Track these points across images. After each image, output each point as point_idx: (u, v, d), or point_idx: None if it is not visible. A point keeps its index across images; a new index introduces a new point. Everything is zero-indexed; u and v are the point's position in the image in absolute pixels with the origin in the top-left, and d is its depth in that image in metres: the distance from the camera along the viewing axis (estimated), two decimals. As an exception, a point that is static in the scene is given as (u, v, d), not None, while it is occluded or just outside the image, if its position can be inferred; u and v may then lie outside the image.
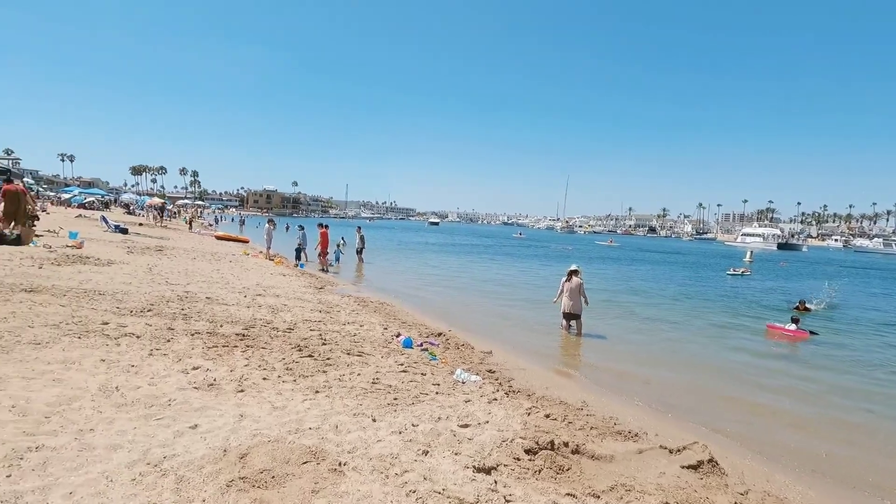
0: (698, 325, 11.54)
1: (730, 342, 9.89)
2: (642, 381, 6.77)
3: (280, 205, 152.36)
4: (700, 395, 6.45)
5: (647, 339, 9.70)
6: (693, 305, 14.67)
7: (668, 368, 7.66)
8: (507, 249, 40.97)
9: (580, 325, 9.32)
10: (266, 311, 7.87)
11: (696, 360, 8.33)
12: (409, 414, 4.09)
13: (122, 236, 18.62)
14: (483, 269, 22.90)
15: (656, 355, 8.47)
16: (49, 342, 4.63)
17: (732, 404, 6.20)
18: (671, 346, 9.19)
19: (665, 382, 6.85)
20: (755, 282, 23.56)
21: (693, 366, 7.98)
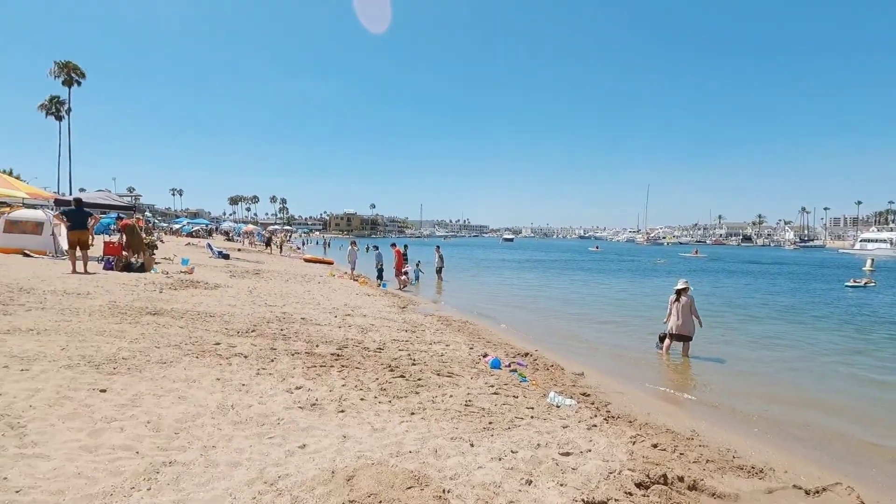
0: (820, 345, 10.26)
1: (861, 367, 8.66)
2: (759, 409, 6.09)
3: (359, 227, 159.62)
4: (831, 428, 5.67)
5: (760, 361, 8.78)
6: (809, 323, 13.13)
7: (788, 395, 6.84)
8: (589, 264, 39.55)
9: (687, 348, 8.65)
10: (356, 330, 8.14)
11: (823, 387, 7.37)
12: (507, 439, 3.96)
13: (225, 261, 20.36)
14: (565, 286, 22.24)
15: (773, 380, 7.62)
16: (173, 361, 5.08)
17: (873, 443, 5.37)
18: (790, 370, 8.23)
19: (787, 411, 6.11)
20: (884, 295, 20.67)
21: (820, 393, 7.06)
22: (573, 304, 16.23)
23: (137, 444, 3.20)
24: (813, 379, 7.76)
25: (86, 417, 3.51)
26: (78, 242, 11.62)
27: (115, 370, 4.60)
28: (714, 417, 5.76)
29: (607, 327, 11.87)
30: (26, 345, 5.11)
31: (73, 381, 4.19)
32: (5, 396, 3.69)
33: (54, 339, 5.45)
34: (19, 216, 15.31)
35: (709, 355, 8.86)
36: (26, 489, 2.53)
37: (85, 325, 6.28)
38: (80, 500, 2.49)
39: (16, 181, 20.14)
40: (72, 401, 3.76)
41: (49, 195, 21.16)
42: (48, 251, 14.42)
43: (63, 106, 57.44)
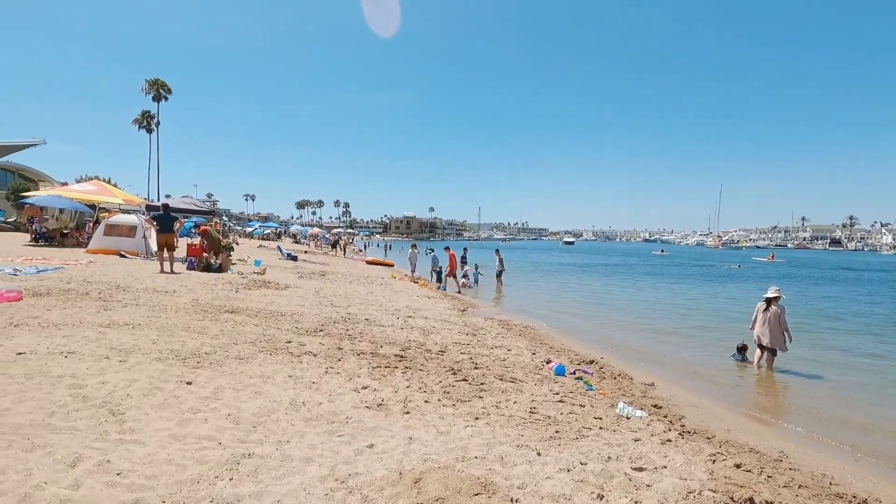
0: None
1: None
2: (860, 431, 5.50)
3: (418, 230, 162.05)
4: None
5: (859, 377, 7.95)
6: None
7: (891, 413, 6.13)
8: (654, 269, 37.75)
9: (772, 361, 8.01)
10: (418, 332, 8.23)
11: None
12: (575, 450, 3.82)
13: (293, 263, 21.35)
14: (630, 291, 21.34)
15: (876, 398, 6.86)
16: (249, 358, 5.36)
17: None
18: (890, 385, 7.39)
19: (892, 439, 5.47)
20: None
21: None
22: (640, 310, 15.52)
23: (220, 435, 3.39)
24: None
25: (174, 408, 3.77)
26: (165, 244, 12.64)
27: (199, 364, 4.93)
28: (804, 439, 5.27)
29: (678, 336, 11.24)
30: (123, 338, 5.60)
31: (163, 372, 4.53)
32: (108, 385, 4.05)
33: (146, 334, 5.93)
34: (117, 221, 16.89)
35: (796, 370, 8.14)
36: (126, 472, 2.75)
37: (172, 321, 6.79)
38: (171, 486, 2.67)
39: (114, 189, 22.27)
40: (162, 391, 4.07)
41: (141, 201, 23.22)
42: (140, 252, 15.79)
43: (153, 119, 62.93)
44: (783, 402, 6.74)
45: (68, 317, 6.46)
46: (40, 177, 45.50)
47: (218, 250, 14.66)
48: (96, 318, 6.50)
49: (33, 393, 3.74)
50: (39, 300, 7.41)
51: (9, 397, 3.62)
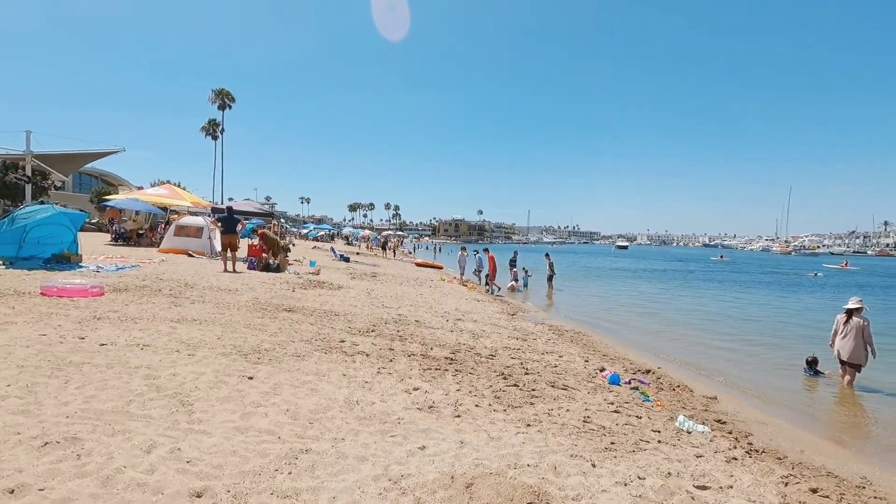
0: None
1: None
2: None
3: (467, 232, 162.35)
4: None
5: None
6: None
7: None
8: (714, 275, 35.83)
9: (853, 377, 7.38)
10: (468, 335, 8.22)
11: None
12: (632, 463, 3.68)
13: (346, 264, 21.95)
14: (688, 298, 20.36)
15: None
16: (305, 355, 5.55)
17: None
18: None
19: None
20: None
21: None
22: (700, 319, 14.76)
23: (279, 429, 3.52)
24: None
25: (238, 401, 3.96)
26: (229, 245, 13.36)
27: (259, 360, 5.16)
28: (889, 463, 4.80)
29: (743, 347, 10.58)
30: (192, 333, 5.96)
31: (227, 367, 4.77)
32: (178, 377, 4.32)
33: (212, 329, 6.27)
34: (185, 222, 18.03)
35: (882, 388, 7.45)
36: (195, 460, 2.91)
37: (234, 318, 7.15)
38: (235, 476, 2.80)
39: (183, 192, 23.79)
40: (227, 385, 4.28)
41: (207, 204, 24.66)
42: (206, 252, 16.76)
43: (218, 127, 66.80)
44: (865, 422, 6.19)
45: (143, 311, 6.94)
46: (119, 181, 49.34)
47: (276, 251, 15.31)
48: (168, 314, 6.95)
49: (114, 382, 4.04)
50: (119, 296, 8.01)
51: (93, 385, 3.93)
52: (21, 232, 10.75)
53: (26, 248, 10.87)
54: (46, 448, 2.85)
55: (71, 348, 4.83)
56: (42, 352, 4.62)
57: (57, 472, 2.61)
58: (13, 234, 10.67)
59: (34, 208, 11.87)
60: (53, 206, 12.46)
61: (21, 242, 10.79)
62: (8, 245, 10.62)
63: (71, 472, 2.63)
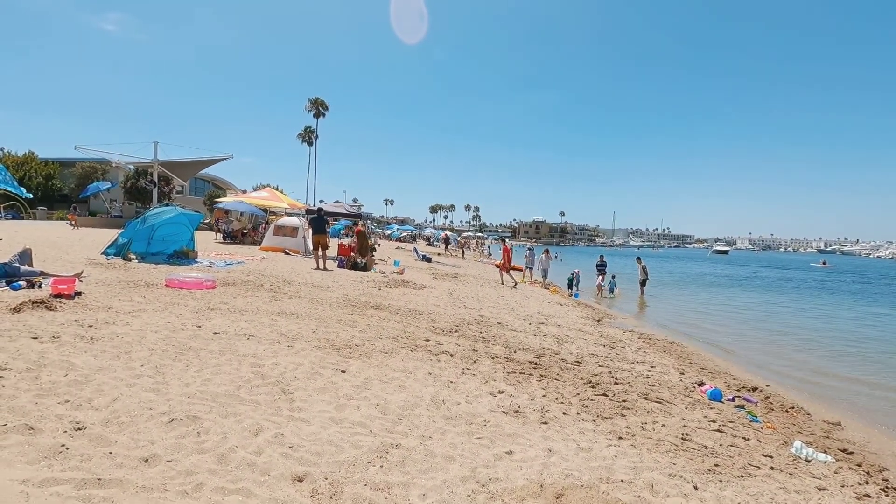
0: None
1: None
2: None
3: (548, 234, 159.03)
4: None
5: None
6: None
7: None
8: (847, 287, 31.84)
9: None
10: (551, 340, 8.01)
11: None
12: (741, 489, 3.35)
13: (427, 264, 22.41)
14: (802, 311, 18.29)
15: None
16: (392, 352, 5.72)
17: None
18: None
19: None
20: None
21: None
22: (812, 333, 13.17)
23: (370, 423, 3.65)
24: None
25: (332, 393, 4.17)
26: (319, 244, 14.20)
27: (350, 354, 5.40)
28: None
29: (869, 366, 9.27)
30: (290, 325, 6.39)
31: (322, 359, 5.05)
32: (279, 367, 4.64)
33: (307, 323, 6.68)
34: (283, 223, 19.46)
35: None
36: (296, 446, 3.10)
37: (327, 314, 7.56)
38: (332, 465, 2.94)
39: (281, 195, 25.72)
40: (322, 377, 4.53)
41: (302, 206, 26.45)
42: (301, 251, 17.95)
43: (313, 134, 71.43)
44: None
45: (249, 304, 7.57)
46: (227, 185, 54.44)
47: (366, 251, 16.02)
48: (269, 307, 7.52)
49: (226, 367, 4.44)
50: (228, 289, 8.82)
51: (209, 369, 4.34)
52: (150, 230, 12.24)
53: (154, 244, 12.34)
54: (173, 424, 3.19)
55: (190, 335, 5.39)
56: (168, 337, 5.20)
57: (181, 447, 2.91)
58: (144, 232, 12.17)
59: (161, 209, 13.46)
60: (176, 207, 14.04)
61: (150, 239, 12.27)
62: (141, 241, 12.14)
63: (192, 448, 2.91)
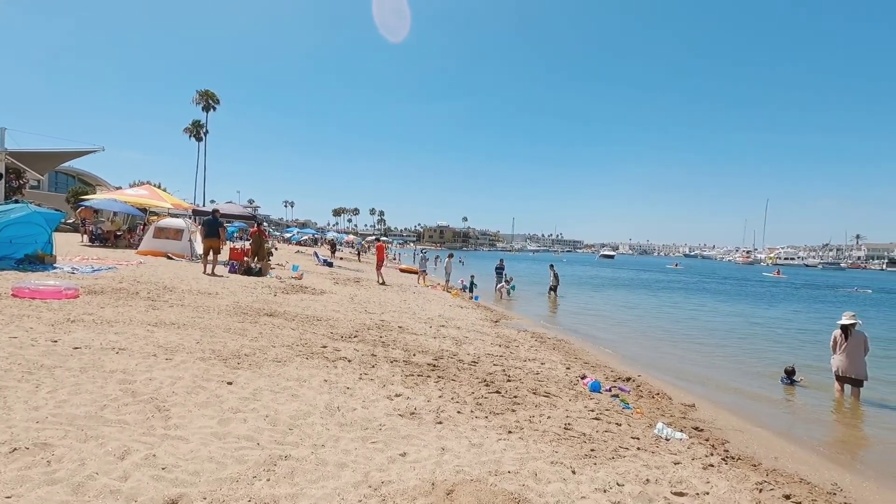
0: None
1: None
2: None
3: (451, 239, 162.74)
4: None
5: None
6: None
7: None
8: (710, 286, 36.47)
9: (858, 393, 7.40)
10: (450, 342, 8.21)
11: None
12: (612, 470, 3.71)
13: (329, 269, 21.79)
14: (674, 308, 20.69)
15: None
16: (286, 361, 5.49)
17: None
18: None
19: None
20: None
21: None
22: (678, 327, 14.99)
23: (258, 435, 3.47)
24: None
25: (216, 406, 3.89)
26: (211, 248, 13.17)
27: (239, 365, 5.08)
28: (861, 470, 4.93)
29: (721, 355, 10.78)
30: (170, 337, 5.84)
31: (206, 372, 4.69)
32: (154, 382, 4.23)
33: (190, 333, 6.16)
34: (165, 224, 17.71)
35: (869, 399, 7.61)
36: (170, 467, 2.85)
37: (214, 322, 7.03)
38: (212, 483, 2.75)
39: (164, 194, 23.37)
40: (205, 390, 4.20)
41: (188, 206, 24.28)
42: (186, 255, 16.47)
43: (202, 128, 65.96)
44: (839, 430, 6.35)
45: (120, 315, 6.79)
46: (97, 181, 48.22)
47: (262, 255, 15.15)
48: (145, 317, 6.81)
49: (88, 386, 3.94)
50: (94, 298, 7.82)
51: (66, 389, 3.82)
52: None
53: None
54: (15, 454, 2.76)
55: (43, 352, 4.70)
56: (12, 355, 4.49)
57: (26, 479, 2.53)
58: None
59: (7, 207, 11.54)
60: (28, 205, 12.13)
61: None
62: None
63: (40, 479, 2.55)
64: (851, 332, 7.36)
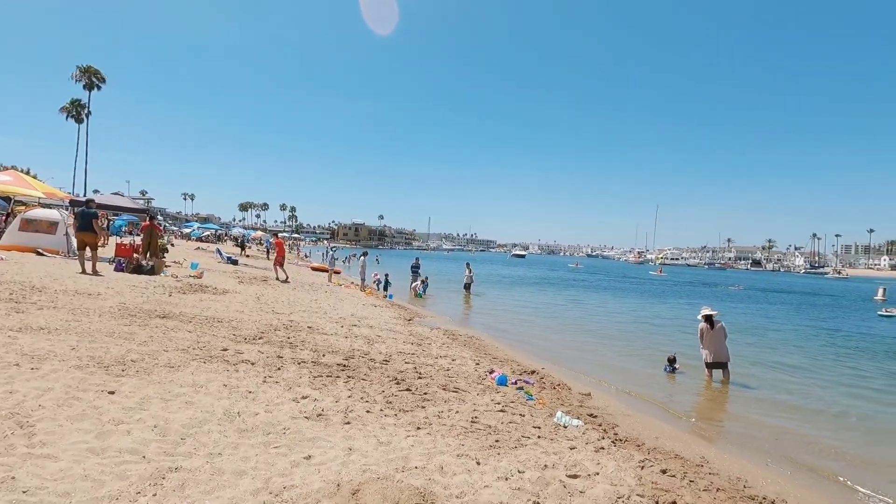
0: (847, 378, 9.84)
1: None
2: (772, 437, 5.97)
3: (367, 237, 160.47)
4: (849, 456, 5.51)
5: (777, 389, 8.55)
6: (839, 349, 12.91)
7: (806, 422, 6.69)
8: (606, 283, 39.37)
9: (727, 375, 8.45)
10: (362, 341, 8.12)
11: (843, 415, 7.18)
12: (514, 458, 3.91)
13: (234, 267, 20.50)
14: (575, 304, 22.12)
15: (788, 407, 7.43)
16: (180, 366, 5.08)
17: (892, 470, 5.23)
18: (811, 397, 8.06)
19: (803, 439, 5.97)
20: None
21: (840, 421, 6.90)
22: (580, 321, 16.10)
23: (144, 448, 3.19)
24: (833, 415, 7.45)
25: (94, 419, 3.51)
26: (85, 243, 11.73)
27: (124, 372, 4.62)
28: (723, 444, 5.65)
29: (614, 346, 11.75)
30: (37, 343, 5.15)
31: (82, 381, 4.20)
32: (16, 395, 3.71)
33: (65, 339, 5.48)
34: (35, 215, 15.54)
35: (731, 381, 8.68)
36: (33, 490, 2.52)
37: (95, 326, 6.32)
38: (87, 503, 2.48)
39: (33, 181, 20.45)
40: (80, 402, 3.77)
41: (64, 195, 21.48)
42: (61, 251, 14.59)
43: (83, 109, 58.66)
44: (705, 409, 7.21)
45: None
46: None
47: (155, 251, 13.84)
48: (6, 322, 5.94)
49: (-75, 403, 3.36)
50: (-62, 300, 6.67)
51: None
52: None
53: None
54: None
55: None
56: None
57: None
58: None
59: None
60: None
61: None
62: None
63: None
64: (712, 323, 8.43)
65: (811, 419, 6.95)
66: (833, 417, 7.14)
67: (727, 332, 8.55)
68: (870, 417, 7.22)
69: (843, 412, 7.37)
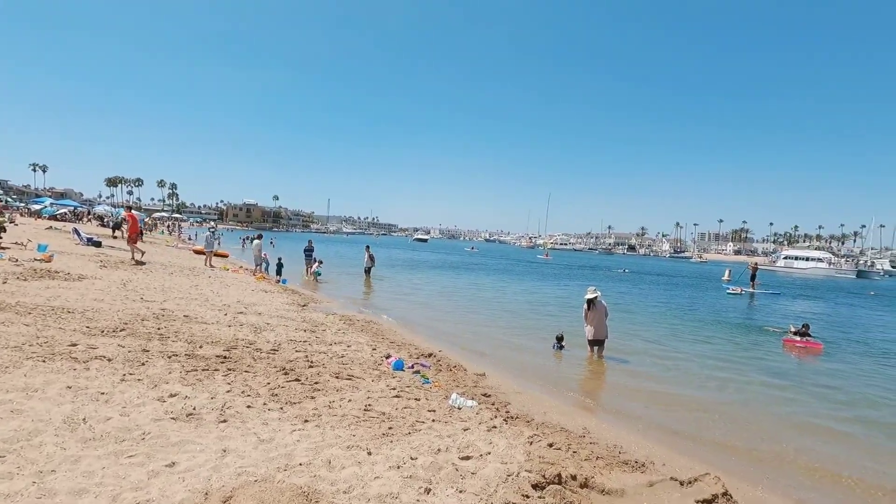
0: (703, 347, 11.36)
1: (742, 359, 9.88)
2: (643, 406, 6.58)
3: (260, 219, 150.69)
4: (707, 418, 6.26)
5: (647, 361, 9.49)
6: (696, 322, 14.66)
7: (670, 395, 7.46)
8: (500, 266, 40.95)
9: (602, 351, 9.15)
10: (248, 330, 7.49)
11: (702, 380, 8.17)
12: (407, 445, 3.80)
13: (96, 249, 17.91)
14: (476, 286, 22.70)
15: (657, 377, 8.29)
16: (9, 367, 4.22)
17: (741, 426, 6.03)
18: (673, 366, 9.04)
19: (667, 409, 6.64)
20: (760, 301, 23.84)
21: (699, 386, 7.83)
22: (480, 301, 16.57)
23: (-58, 473, 2.54)
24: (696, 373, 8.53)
25: None
26: None
27: (-76, 378, 3.71)
28: (602, 415, 6.10)
29: (507, 326, 12.23)
30: None
31: None
32: None
33: None
34: None
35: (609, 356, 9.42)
36: None
37: None
38: None
39: None
40: None
41: None
42: None
43: None
44: (585, 383, 7.77)
45: None
46: None
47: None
48: None
49: None
50: None
51: None
52: None
53: None
54: None
55: None
56: None
57: None
58: None
59: None
60: None
61: None
62: None
63: None
64: (595, 304, 9.09)
65: (676, 384, 7.82)
66: (694, 382, 8.10)
67: (608, 311, 9.28)
68: (724, 381, 8.31)
69: (704, 377, 8.41)
